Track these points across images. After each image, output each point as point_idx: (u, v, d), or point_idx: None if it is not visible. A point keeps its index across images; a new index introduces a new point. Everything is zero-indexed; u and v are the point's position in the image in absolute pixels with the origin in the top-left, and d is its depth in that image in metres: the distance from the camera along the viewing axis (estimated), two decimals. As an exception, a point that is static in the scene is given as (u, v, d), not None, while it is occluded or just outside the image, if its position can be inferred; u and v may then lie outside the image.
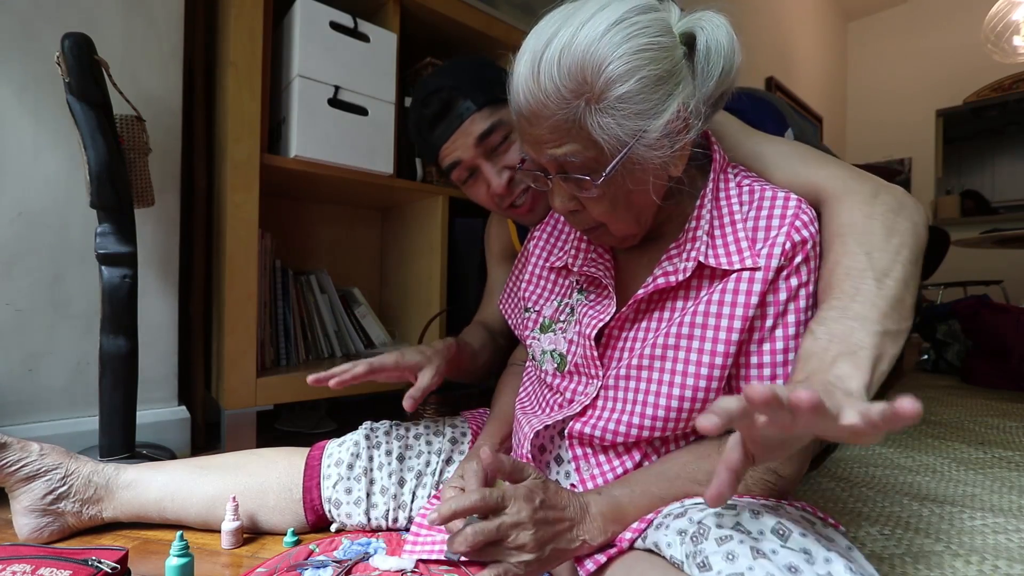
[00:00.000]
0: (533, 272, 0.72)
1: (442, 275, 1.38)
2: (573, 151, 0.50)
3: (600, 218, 0.56)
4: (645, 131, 0.48)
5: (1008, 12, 2.98)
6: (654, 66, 0.47)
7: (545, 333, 0.67)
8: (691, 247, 0.57)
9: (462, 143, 0.79)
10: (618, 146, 0.49)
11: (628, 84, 0.47)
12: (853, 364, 0.41)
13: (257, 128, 1.07)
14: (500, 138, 0.79)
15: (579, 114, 0.48)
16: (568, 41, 0.47)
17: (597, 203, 0.54)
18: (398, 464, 0.74)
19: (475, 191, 0.84)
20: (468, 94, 0.78)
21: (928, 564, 0.71)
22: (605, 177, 0.51)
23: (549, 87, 0.48)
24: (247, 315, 1.08)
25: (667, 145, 0.50)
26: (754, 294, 0.53)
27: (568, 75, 0.47)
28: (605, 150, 0.49)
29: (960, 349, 2.57)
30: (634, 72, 0.47)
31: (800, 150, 0.62)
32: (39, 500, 0.69)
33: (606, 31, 0.46)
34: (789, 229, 0.54)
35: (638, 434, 0.58)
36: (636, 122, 0.48)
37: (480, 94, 0.78)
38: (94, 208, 0.89)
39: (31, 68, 0.96)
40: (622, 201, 0.54)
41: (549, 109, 0.49)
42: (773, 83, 3.59)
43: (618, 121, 0.48)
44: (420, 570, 0.62)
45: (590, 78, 0.47)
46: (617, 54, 0.46)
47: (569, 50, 0.47)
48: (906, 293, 0.48)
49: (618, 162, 0.50)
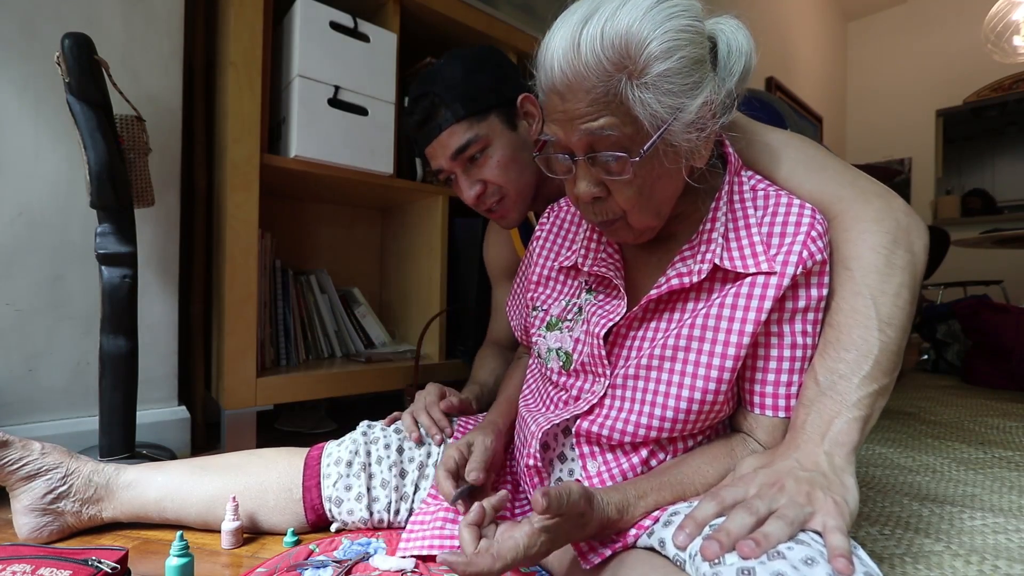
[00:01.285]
0: (541, 273, 0.72)
1: (442, 275, 1.38)
2: (610, 123, 0.50)
3: (624, 205, 0.55)
4: (682, 110, 0.49)
5: (1008, 12, 2.98)
6: (693, 48, 0.49)
7: (551, 331, 0.67)
8: (706, 249, 0.57)
9: (440, 152, 0.82)
10: (656, 123, 0.49)
11: (669, 62, 0.48)
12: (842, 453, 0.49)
13: (257, 128, 1.07)
14: (476, 151, 0.81)
15: (620, 88, 0.48)
16: (611, 16, 0.47)
17: (625, 187, 0.54)
18: (398, 456, 0.74)
19: (457, 190, 0.88)
20: (450, 104, 0.79)
21: (928, 564, 0.71)
22: (644, 153, 0.51)
23: (591, 59, 0.48)
24: (247, 315, 1.08)
25: (697, 131, 0.51)
26: (768, 298, 0.54)
27: (612, 47, 0.47)
28: (644, 126, 0.50)
29: (960, 349, 2.57)
30: (675, 51, 0.48)
31: (807, 155, 0.63)
32: (39, 499, 0.69)
33: (649, 8, 0.48)
34: (805, 239, 0.55)
35: (646, 434, 0.58)
36: (675, 99, 0.49)
37: (460, 106, 0.79)
38: (94, 208, 0.89)
39: (31, 68, 0.96)
40: (648, 188, 0.54)
41: (589, 81, 0.48)
42: (773, 83, 3.59)
43: (658, 98, 0.48)
44: (420, 570, 0.62)
45: (633, 53, 0.47)
46: (660, 31, 0.47)
47: (612, 24, 0.47)
48: (903, 339, 0.53)
49: (657, 138, 0.50)
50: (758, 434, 0.58)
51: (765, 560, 0.39)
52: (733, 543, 0.42)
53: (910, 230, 0.56)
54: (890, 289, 0.53)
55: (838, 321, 0.54)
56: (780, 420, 0.57)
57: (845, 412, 0.51)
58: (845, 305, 0.54)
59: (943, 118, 4.32)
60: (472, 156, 0.81)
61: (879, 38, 4.66)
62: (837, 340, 0.54)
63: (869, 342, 0.52)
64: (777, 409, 0.57)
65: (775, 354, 0.56)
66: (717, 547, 0.41)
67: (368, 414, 0.90)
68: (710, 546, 0.42)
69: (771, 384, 0.57)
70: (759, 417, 0.58)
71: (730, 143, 0.62)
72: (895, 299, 0.53)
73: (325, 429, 1.36)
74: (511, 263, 1.02)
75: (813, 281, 0.55)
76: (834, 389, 0.52)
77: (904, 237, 0.56)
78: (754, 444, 0.58)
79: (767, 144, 0.65)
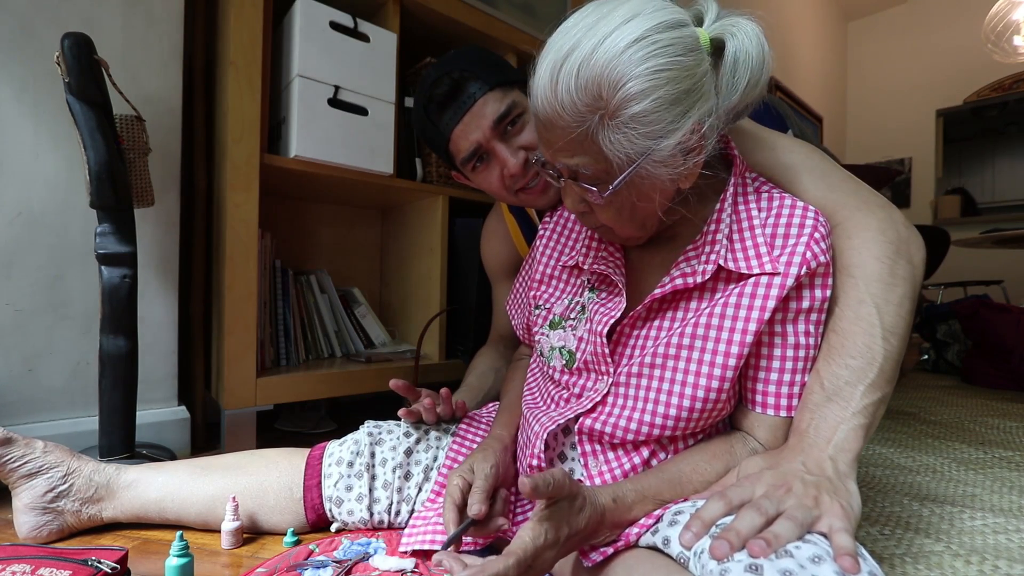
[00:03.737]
0: (544, 272, 0.73)
1: (442, 275, 1.38)
2: (584, 163, 0.52)
3: (606, 222, 0.58)
4: (654, 150, 0.49)
5: (1008, 12, 2.98)
6: (672, 87, 0.48)
7: (555, 330, 0.67)
8: (710, 249, 0.57)
9: (475, 124, 0.78)
10: (626, 162, 0.50)
11: (643, 104, 0.47)
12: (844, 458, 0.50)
13: (257, 128, 1.07)
14: (516, 115, 0.78)
15: (592, 128, 0.49)
16: (588, 55, 0.47)
17: (603, 209, 0.56)
18: (405, 458, 0.74)
19: (486, 177, 0.83)
20: (478, 76, 0.77)
21: (928, 564, 0.71)
22: (611, 191, 0.52)
23: (565, 99, 0.48)
24: (247, 315, 1.08)
25: (679, 162, 0.51)
26: (772, 298, 0.54)
27: (584, 90, 0.48)
28: (614, 164, 0.51)
29: (960, 349, 2.57)
30: (650, 92, 0.47)
31: (812, 162, 0.63)
32: (40, 497, 0.69)
33: (626, 48, 0.47)
34: (809, 240, 0.55)
35: (649, 432, 0.58)
36: (646, 141, 0.49)
37: (490, 75, 0.78)
38: (94, 208, 0.89)
39: (31, 68, 0.96)
40: (627, 209, 0.55)
41: (564, 120, 0.50)
42: (773, 83, 3.58)
43: (629, 139, 0.49)
44: (420, 570, 0.62)
45: (606, 94, 0.47)
46: (635, 73, 0.46)
47: (588, 65, 0.47)
48: (903, 349, 0.54)
49: (624, 178, 0.51)
50: (759, 433, 0.59)
51: (773, 558, 0.40)
52: (743, 542, 0.42)
53: (910, 242, 0.58)
54: (893, 299, 0.54)
55: (842, 328, 0.55)
56: (782, 419, 0.57)
57: (849, 419, 0.51)
58: (849, 312, 0.55)
59: (943, 118, 4.32)
60: (511, 123, 0.78)
61: (879, 38, 4.66)
62: (842, 347, 0.54)
63: (873, 350, 0.53)
64: (779, 408, 0.57)
65: (778, 354, 0.57)
66: (727, 546, 0.42)
67: (368, 414, 0.90)
68: (720, 546, 0.42)
69: (773, 383, 0.57)
70: (760, 416, 0.58)
71: (737, 147, 0.62)
72: (898, 309, 0.54)
73: (325, 429, 1.36)
74: (512, 261, 1.02)
75: (817, 282, 0.56)
76: (839, 395, 0.52)
77: (906, 248, 0.57)
78: (754, 443, 0.59)
79: (772, 150, 0.65)
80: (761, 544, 0.41)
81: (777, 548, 0.41)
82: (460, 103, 0.78)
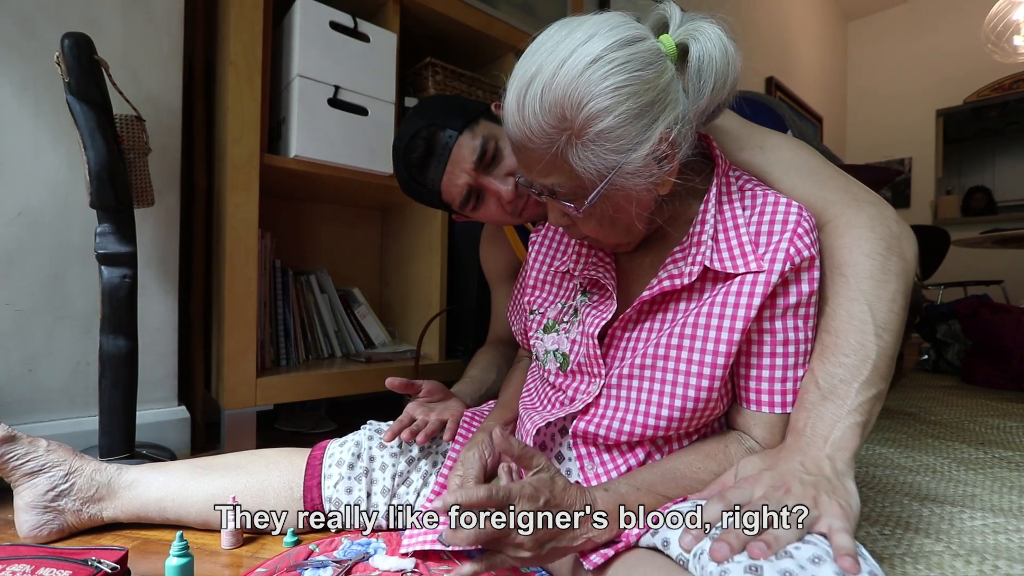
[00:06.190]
0: (537, 278, 0.73)
1: (442, 275, 1.38)
2: (558, 182, 0.54)
3: (590, 234, 0.59)
4: (624, 163, 0.51)
5: (1008, 12, 2.98)
6: (633, 101, 0.49)
7: (548, 333, 0.68)
8: (696, 251, 0.58)
9: (459, 170, 0.80)
10: (598, 178, 0.51)
11: (607, 120, 0.48)
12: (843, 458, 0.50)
13: (257, 128, 1.07)
14: (493, 149, 0.80)
15: (561, 149, 0.50)
16: (549, 79, 0.48)
17: (584, 223, 0.57)
18: (406, 466, 0.74)
19: (486, 211, 0.84)
20: (445, 124, 0.79)
21: (928, 564, 0.71)
22: (587, 205, 0.54)
23: (533, 123, 0.50)
24: (247, 315, 1.08)
25: (653, 171, 0.52)
26: (757, 296, 0.54)
27: (549, 112, 0.49)
28: (586, 181, 0.52)
29: (960, 349, 2.57)
30: (613, 109, 0.48)
31: (800, 159, 0.63)
32: (42, 496, 0.69)
33: (585, 68, 0.48)
34: (792, 236, 0.55)
35: (642, 433, 0.58)
36: (615, 156, 0.50)
37: (455, 119, 0.79)
38: (94, 208, 0.89)
39: (31, 68, 0.96)
40: (608, 220, 0.57)
41: (534, 143, 0.51)
42: (773, 83, 3.59)
43: (598, 155, 0.50)
44: (420, 570, 0.62)
45: (570, 115, 0.48)
46: (596, 92, 0.48)
47: (550, 88, 0.48)
48: (898, 345, 0.54)
49: (597, 193, 0.52)
50: (755, 431, 0.59)
51: (773, 559, 0.40)
52: (743, 544, 0.42)
53: (902, 238, 0.57)
54: (886, 295, 0.54)
55: (835, 326, 0.55)
56: (777, 416, 0.57)
57: (846, 417, 0.51)
58: (842, 311, 0.55)
59: (943, 118, 4.32)
60: (492, 157, 0.80)
61: (879, 38, 4.66)
62: (835, 345, 0.54)
63: (867, 347, 0.53)
64: (773, 405, 0.57)
65: (768, 351, 0.57)
66: (727, 549, 0.42)
67: (368, 414, 0.90)
68: (720, 548, 0.42)
69: (766, 380, 0.57)
70: (755, 414, 0.58)
71: (724, 147, 0.62)
72: (890, 305, 0.54)
73: (325, 429, 1.36)
74: (510, 266, 1.02)
75: (803, 277, 0.56)
76: (835, 393, 0.52)
77: (897, 244, 0.56)
78: (750, 442, 0.59)
79: (761, 148, 0.65)
80: (761, 546, 0.41)
81: (777, 550, 0.41)
82: (438, 156, 0.80)
